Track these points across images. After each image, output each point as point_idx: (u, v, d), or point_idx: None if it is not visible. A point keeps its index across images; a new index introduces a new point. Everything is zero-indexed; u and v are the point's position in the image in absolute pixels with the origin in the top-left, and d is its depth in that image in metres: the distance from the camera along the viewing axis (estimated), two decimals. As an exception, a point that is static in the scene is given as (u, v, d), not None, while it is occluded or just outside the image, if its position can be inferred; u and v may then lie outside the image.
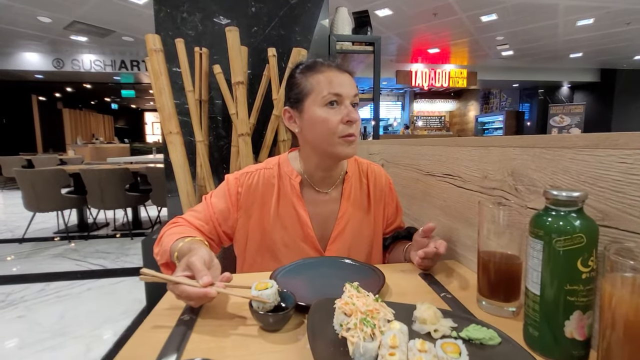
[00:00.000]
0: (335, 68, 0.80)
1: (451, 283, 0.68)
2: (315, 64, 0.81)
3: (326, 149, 0.79)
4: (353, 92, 0.79)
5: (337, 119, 0.76)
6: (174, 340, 0.48)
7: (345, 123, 0.77)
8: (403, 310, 0.51)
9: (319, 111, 0.77)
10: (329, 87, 0.77)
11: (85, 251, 3.22)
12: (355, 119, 0.78)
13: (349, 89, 0.78)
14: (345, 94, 0.77)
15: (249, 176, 0.86)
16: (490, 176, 0.69)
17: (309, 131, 0.80)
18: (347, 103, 0.78)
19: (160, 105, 1.96)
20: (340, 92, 0.77)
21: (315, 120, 0.78)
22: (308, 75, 0.80)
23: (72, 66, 7.47)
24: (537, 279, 0.44)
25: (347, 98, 0.78)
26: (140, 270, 0.56)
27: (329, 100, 0.76)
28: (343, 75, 0.79)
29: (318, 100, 0.77)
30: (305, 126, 0.80)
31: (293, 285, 0.63)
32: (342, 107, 0.77)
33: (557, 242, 0.42)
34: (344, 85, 0.78)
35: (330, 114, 0.77)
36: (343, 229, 0.86)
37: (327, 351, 0.43)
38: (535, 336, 0.45)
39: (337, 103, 0.77)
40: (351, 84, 0.79)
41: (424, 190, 0.99)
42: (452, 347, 0.41)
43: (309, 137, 0.81)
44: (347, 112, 0.77)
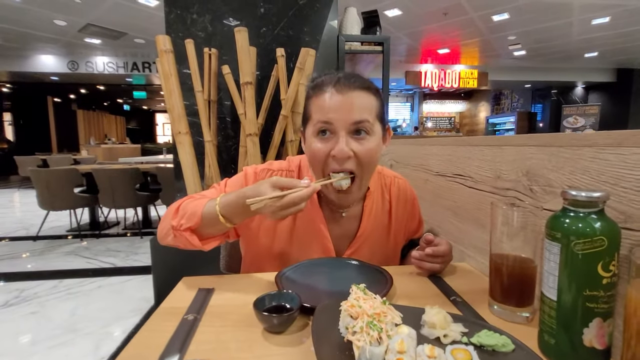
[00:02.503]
0: (334, 88, 0.66)
1: (461, 286, 0.66)
2: (317, 84, 0.70)
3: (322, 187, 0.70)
4: (350, 119, 0.64)
5: (326, 151, 0.66)
6: (177, 341, 0.48)
7: (333, 158, 0.65)
8: (411, 314, 0.50)
9: (311, 140, 0.69)
10: (320, 114, 0.66)
11: (97, 249, 3.28)
12: (342, 155, 0.64)
13: (344, 114, 0.64)
14: (337, 122, 0.64)
15: (269, 174, 0.79)
16: (503, 176, 0.67)
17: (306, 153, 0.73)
18: (341, 134, 0.65)
19: (170, 106, 1.98)
20: (330, 120, 0.65)
21: (309, 150, 0.69)
22: (310, 98, 0.71)
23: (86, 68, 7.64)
24: (554, 283, 0.42)
25: (340, 127, 0.65)
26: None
27: (318, 129, 0.67)
28: (339, 96, 0.65)
29: (311, 128, 0.69)
30: (305, 153, 0.74)
31: (298, 286, 0.62)
32: (336, 137, 0.66)
33: (576, 245, 0.39)
34: (337, 110, 0.65)
35: (321, 145, 0.67)
36: (359, 247, 0.80)
37: (333, 355, 0.42)
38: (551, 344, 0.43)
39: (329, 132, 0.66)
40: (353, 106, 0.65)
41: (434, 191, 0.97)
42: (463, 353, 0.40)
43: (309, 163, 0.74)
44: (335, 145, 0.65)
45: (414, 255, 0.70)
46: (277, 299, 0.54)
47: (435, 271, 0.70)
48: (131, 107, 14.67)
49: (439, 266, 0.69)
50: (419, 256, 0.69)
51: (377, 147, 0.69)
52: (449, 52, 8.35)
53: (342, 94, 0.66)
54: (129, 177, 3.50)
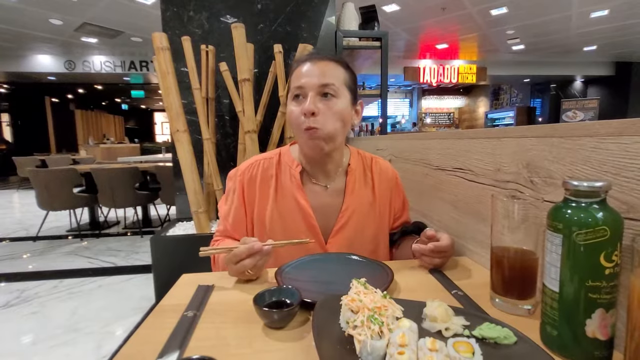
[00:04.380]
0: (308, 59, 0.77)
1: (462, 280, 0.66)
2: (297, 61, 0.80)
3: (300, 145, 0.81)
4: (318, 82, 0.74)
5: (298, 112, 0.75)
6: (176, 338, 0.47)
7: (304, 115, 0.74)
8: (412, 308, 0.49)
9: (289, 105, 0.78)
10: (295, 81, 0.77)
11: (97, 249, 3.28)
12: (308, 110, 0.73)
13: (313, 78, 0.74)
14: (308, 85, 0.74)
15: (250, 168, 0.85)
16: (503, 169, 0.67)
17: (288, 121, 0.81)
18: (310, 94, 0.74)
19: (167, 104, 1.97)
20: (302, 84, 0.75)
21: (288, 114, 0.79)
22: (292, 72, 0.80)
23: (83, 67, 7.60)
24: (556, 275, 0.42)
25: (309, 89, 0.74)
26: (201, 248, 0.70)
27: (294, 94, 0.77)
28: (313, 65, 0.76)
29: (289, 96, 0.78)
30: None
31: (298, 282, 0.62)
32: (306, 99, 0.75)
33: (578, 236, 0.39)
34: (308, 75, 0.75)
35: (294, 107, 0.76)
36: (346, 222, 0.83)
37: (333, 349, 0.41)
38: (553, 335, 0.43)
39: (301, 96, 0.75)
40: (322, 72, 0.75)
41: (434, 185, 0.97)
42: (465, 346, 0.39)
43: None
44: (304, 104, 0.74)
45: (414, 249, 0.70)
46: (277, 295, 0.54)
47: (437, 265, 0.70)
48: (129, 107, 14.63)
49: (439, 260, 0.69)
50: (419, 249, 0.69)
51: (344, 109, 0.77)
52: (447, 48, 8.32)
53: (313, 63, 0.76)
54: (128, 177, 3.49)
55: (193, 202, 1.96)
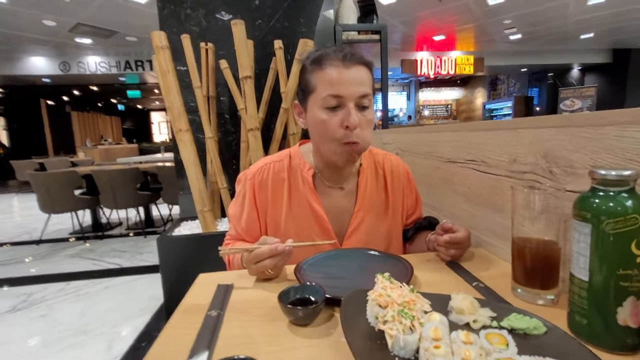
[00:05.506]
0: (341, 62, 0.70)
1: (481, 272, 0.66)
2: (320, 58, 0.72)
3: (327, 154, 0.76)
4: (358, 92, 0.69)
5: (337, 123, 0.70)
6: (204, 338, 0.47)
7: (345, 129, 0.70)
8: (437, 301, 0.49)
9: (319, 113, 0.72)
10: (329, 88, 0.69)
11: (101, 250, 3.27)
12: (355, 125, 0.68)
13: (354, 87, 0.69)
14: (348, 95, 0.69)
15: (260, 172, 0.83)
16: (520, 159, 0.66)
17: (312, 131, 0.77)
18: (350, 105, 0.69)
19: (169, 104, 1.95)
20: (341, 94, 0.69)
21: (316, 122, 0.73)
22: (313, 71, 0.73)
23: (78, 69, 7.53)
24: (585, 264, 0.42)
25: (349, 99, 0.69)
26: (219, 247, 0.70)
27: (328, 103, 0.70)
28: (349, 71, 0.70)
29: (318, 101, 0.71)
30: (309, 125, 0.77)
31: (319, 278, 0.62)
32: (345, 110, 0.70)
33: (607, 225, 0.39)
34: (346, 84, 0.69)
35: (330, 117, 0.70)
36: (359, 224, 0.83)
37: (365, 345, 0.41)
38: (583, 324, 0.43)
39: (338, 106, 0.70)
40: (359, 80, 0.70)
41: (445, 178, 0.96)
42: (498, 338, 0.39)
43: (313, 137, 0.79)
44: (346, 116, 0.69)
45: (430, 239, 0.71)
46: (301, 292, 0.54)
47: (453, 257, 0.70)
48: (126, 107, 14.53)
49: (455, 252, 0.69)
50: (435, 240, 0.69)
51: (374, 117, 0.76)
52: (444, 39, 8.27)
53: (350, 68, 0.70)
54: (129, 177, 3.48)
55: (198, 201, 1.95)
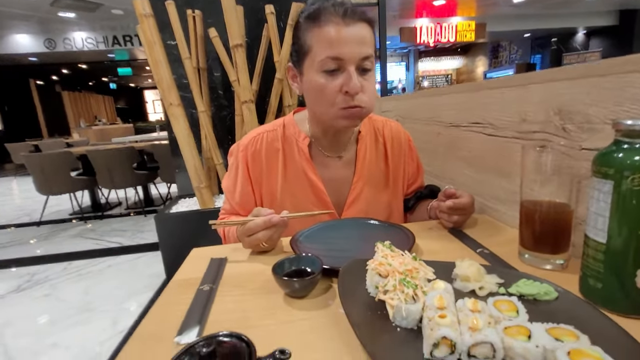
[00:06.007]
0: (341, 19, 0.62)
1: (486, 238, 0.63)
2: (317, 14, 0.64)
3: (324, 120, 0.70)
4: (360, 53, 0.62)
5: (336, 88, 0.64)
6: (195, 313, 0.45)
7: (345, 94, 0.64)
8: (441, 269, 0.47)
9: (316, 77, 0.65)
10: (328, 49, 0.62)
11: (102, 230, 3.28)
12: (356, 90, 0.62)
13: (355, 48, 0.62)
14: (349, 57, 0.62)
15: (253, 142, 0.78)
16: (529, 118, 0.62)
17: (308, 97, 0.71)
18: (351, 69, 0.62)
19: (157, 77, 1.87)
20: (341, 55, 0.62)
21: (313, 87, 0.66)
22: (308, 28, 0.65)
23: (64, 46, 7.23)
24: (603, 225, 0.38)
25: (350, 62, 0.62)
26: (210, 221, 0.65)
27: (326, 66, 0.63)
28: (349, 29, 0.62)
29: (315, 63, 0.64)
30: (304, 90, 0.71)
31: (315, 250, 0.59)
32: (345, 74, 0.63)
33: (632, 180, 0.35)
34: (347, 44, 0.61)
35: (329, 81, 0.64)
36: (359, 194, 0.79)
37: (364, 316, 0.39)
38: (597, 288, 0.40)
39: (337, 69, 0.63)
40: (360, 40, 0.63)
41: (447, 144, 0.92)
42: (507, 304, 0.37)
43: (309, 103, 0.72)
44: (347, 81, 0.62)
45: (432, 206, 0.68)
46: (297, 263, 0.51)
47: (456, 224, 0.67)
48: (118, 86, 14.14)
49: (458, 218, 0.66)
50: (437, 206, 0.66)
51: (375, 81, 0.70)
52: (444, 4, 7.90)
53: (350, 26, 0.62)
54: (125, 157, 3.42)
55: (194, 178, 1.92)
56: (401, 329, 0.37)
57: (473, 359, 0.31)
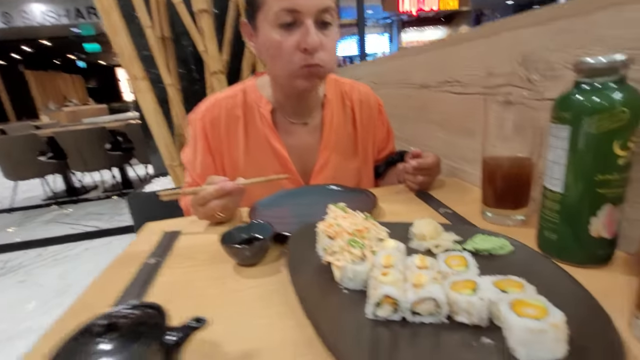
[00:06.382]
0: None
1: (451, 199, 0.61)
2: None
3: (283, 82, 0.65)
4: (318, 5, 0.57)
5: (292, 45, 0.58)
6: (135, 286, 0.42)
7: (304, 51, 0.58)
8: (399, 229, 0.44)
9: (270, 32, 0.59)
10: (283, 0, 0.56)
11: (78, 214, 3.18)
12: (314, 47, 0.57)
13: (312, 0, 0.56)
14: (305, 9, 0.56)
15: (210, 109, 0.72)
16: (495, 71, 0.58)
17: (264, 55, 0.64)
18: (309, 22, 0.57)
19: (118, 48, 1.74)
20: (297, 7, 0.56)
21: (268, 45, 0.60)
22: None
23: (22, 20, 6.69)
24: (560, 173, 0.36)
25: (308, 15, 0.56)
26: (158, 192, 0.60)
27: (281, 19, 0.57)
28: None
29: (269, 16, 0.58)
30: (261, 49, 0.64)
31: (275, 217, 0.56)
32: (302, 28, 0.57)
33: (590, 124, 0.33)
34: None
35: (284, 38, 0.58)
36: (326, 161, 0.75)
37: (311, 280, 0.37)
38: (552, 240, 0.39)
39: (295, 23, 0.58)
40: None
41: (418, 107, 0.89)
42: (458, 260, 0.35)
43: (267, 64, 0.66)
44: (304, 37, 0.57)
45: (398, 168, 0.65)
46: (248, 231, 0.48)
47: (422, 185, 0.65)
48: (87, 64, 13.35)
49: (423, 179, 0.64)
50: (402, 167, 0.63)
51: (338, 38, 0.63)
52: (428, -31, 7.62)
53: None
54: (95, 138, 3.26)
55: (166, 156, 1.84)
56: (349, 291, 0.35)
57: (417, 316, 0.29)
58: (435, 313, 0.29)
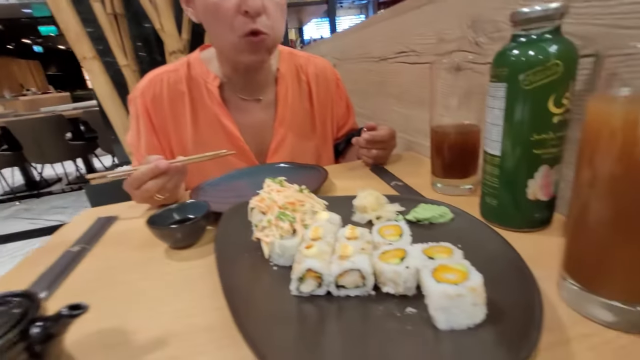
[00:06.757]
0: None
1: (405, 172, 0.59)
2: None
3: (227, 53, 0.60)
4: None
5: (232, 7, 0.53)
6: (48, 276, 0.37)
7: (245, 14, 0.53)
8: (342, 203, 0.42)
9: None
10: None
11: (39, 209, 3.00)
12: (256, 10, 0.52)
13: None
14: None
15: (151, 85, 0.66)
16: (446, 37, 0.56)
17: (204, 24, 0.59)
18: None
19: (63, 25, 1.60)
20: None
21: (205, 7, 0.55)
22: None
23: (-37, -1, 6.06)
24: (498, 135, 0.35)
25: None
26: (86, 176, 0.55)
27: None
28: None
29: None
30: (199, 15, 0.59)
31: (219, 196, 0.53)
32: None
33: (525, 79, 0.31)
34: None
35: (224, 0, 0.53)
36: (282, 140, 0.71)
37: (239, 259, 0.34)
38: (493, 205, 0.38)
39: None
40: None
41: (378, 81, 0.86)
42: (392, 229, 0.33)
43: (207, 32, 0.60)
44: None
45: (352, 142, 0.62)
46: (182, 212, 0.44)
47: (376, 159, 0.63)
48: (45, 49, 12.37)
49: (377, 152, 0.62)
50: (356, 141, 0.61)
51: (284, 5, 0.59)
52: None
53: None
54: (53, 127, 3.05)
55: (125, 142, 1.73)
56: (278, 268, 0.32)
57: (342, 289, 0.27)
58: (361, 285, 0.27)
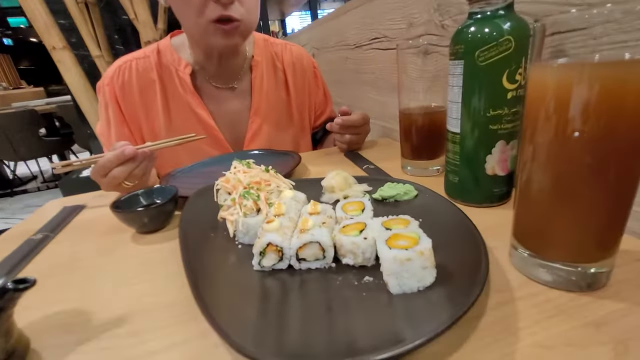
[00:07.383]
0: None
1: (378, 157, 0.60)
2: None
3: (197, 36, 0.58)
4: None
5: None
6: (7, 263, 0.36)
7: (216, 1, 0.53)
8: (311, 184, 0.43)
9: None
10: None
11: (13, 208, 2.89)
12: None
13: None
14: None
15: (119, 73, 0.64)
16: (415, 21, 0.57)
17: (174, 9, 0.57)
18: None
19: (30, 14, 1.53)
20: None
21: None
22: None
23: None
24: (457, 113, 0.36)
25: None
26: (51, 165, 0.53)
27: None
28: None
29: None
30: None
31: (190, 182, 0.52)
32: None
33: (480, 56, 0.32)
34: None
35: None
36: (258, 129, 0.70)
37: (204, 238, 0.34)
38: (455, 183, 0.39)
39: None
40: None
41: (354, 69, 0.86)
42: (355, 205, 0.33)
43: (178, 18, 0.58)
44: None
45: (327, 127, 0.63)
46: (149, 196, 0.44)
47: (350, 144, 0.64)
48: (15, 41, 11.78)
49: (350, 137, 0.63)
50: (329, 126, 0.62)
51: None
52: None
53: None
54: (25, 123, 2.93)
55: (102, 136, 1.68)
56: (243, 246, 0.32)
57: (303, 262, 0.28)
58: (321, 258, 0.28)
